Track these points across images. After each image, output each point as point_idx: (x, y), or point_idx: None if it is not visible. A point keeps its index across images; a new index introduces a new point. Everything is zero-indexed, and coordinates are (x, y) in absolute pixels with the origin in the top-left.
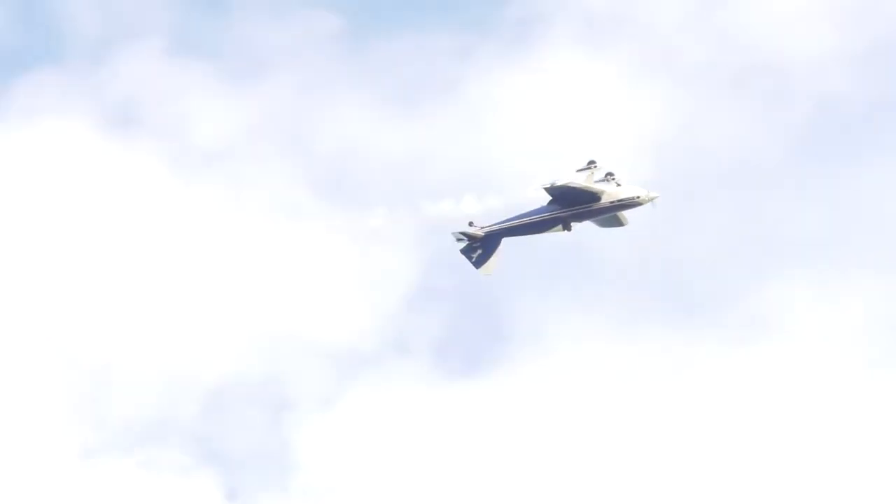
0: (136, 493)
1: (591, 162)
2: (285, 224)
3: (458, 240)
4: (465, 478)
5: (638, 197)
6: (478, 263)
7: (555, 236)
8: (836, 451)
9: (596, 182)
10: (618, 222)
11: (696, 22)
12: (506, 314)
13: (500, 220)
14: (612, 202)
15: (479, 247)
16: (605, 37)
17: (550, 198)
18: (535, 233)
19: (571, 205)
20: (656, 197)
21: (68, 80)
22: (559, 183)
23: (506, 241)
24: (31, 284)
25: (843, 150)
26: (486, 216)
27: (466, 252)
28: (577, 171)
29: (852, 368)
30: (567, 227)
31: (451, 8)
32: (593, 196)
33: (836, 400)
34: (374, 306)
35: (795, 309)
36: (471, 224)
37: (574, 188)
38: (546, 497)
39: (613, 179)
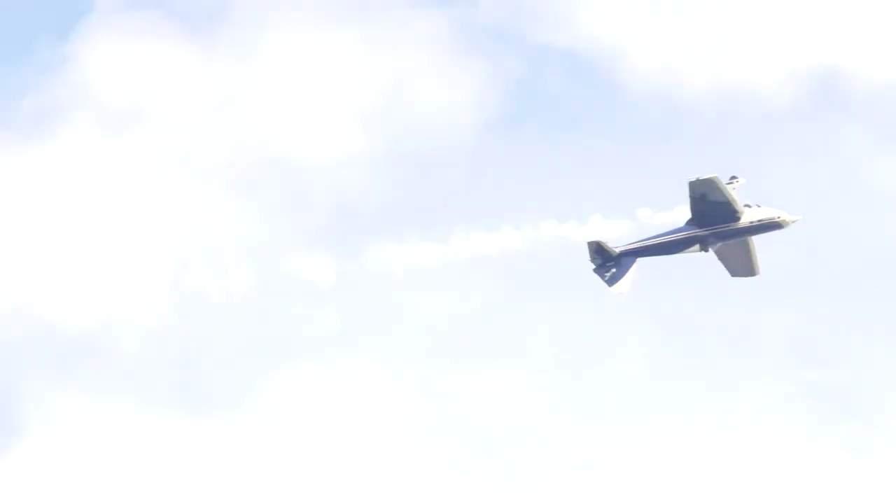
0: None
1: (734, 177)
2: None
3: (592, 259)
4: None
5: (779, 217)
6: (611, 282)
7: (691, 256)
8: None
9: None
10: (750, 270)
11: (214, 119)
12: (16, 404)
13: (635, 240)
14: (752, 222)
15: (613, 266)
16: (122, 132)
17: (689, 217)
18: (671, 252)
19: (711, 222)
20: (798, 219)
21: None
22: (705, 177)
23: (642, 262)
24: None
25: (355, 250)
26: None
27: (600, 271)
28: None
29: (355, 452)
30: (705, 248)
31: None
32: (734, 212)
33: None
34: None
35: (303, 398)
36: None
37: (718, 190)
38: None
39: (752, 206)
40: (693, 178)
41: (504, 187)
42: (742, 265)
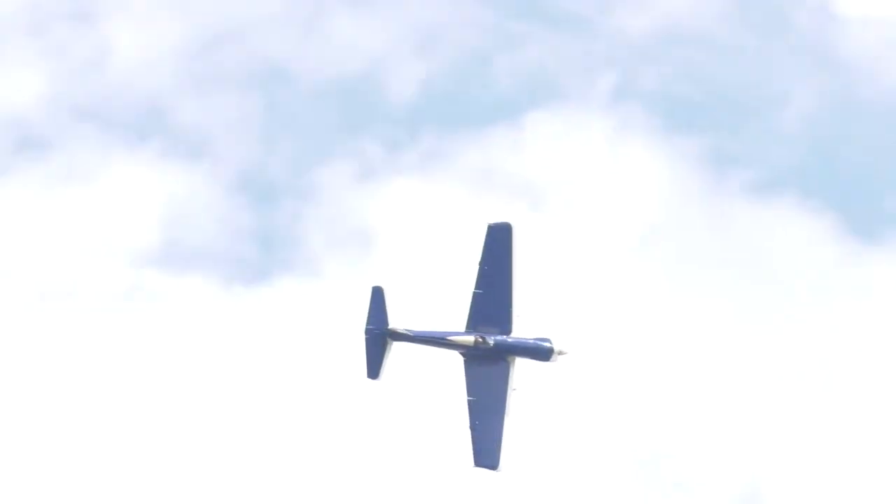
0: None
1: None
2: None
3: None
4: None
5: (550, 345)
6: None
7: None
8: None
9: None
10: (493, 460)
11: None
12: None
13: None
14: (525, 337)
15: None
16: None
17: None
18: (446, 345)
19: (486, 324)
20: (568, 354)
21: None
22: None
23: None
24: None
25: None
26: None
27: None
28: None
29: None
30: (482, 340)
31: None
32: (509, 319)
33: None
34: None
35: None
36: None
37: (510, 245)
38: None
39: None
40: (493, 222)
41: None
42: (487, 451)
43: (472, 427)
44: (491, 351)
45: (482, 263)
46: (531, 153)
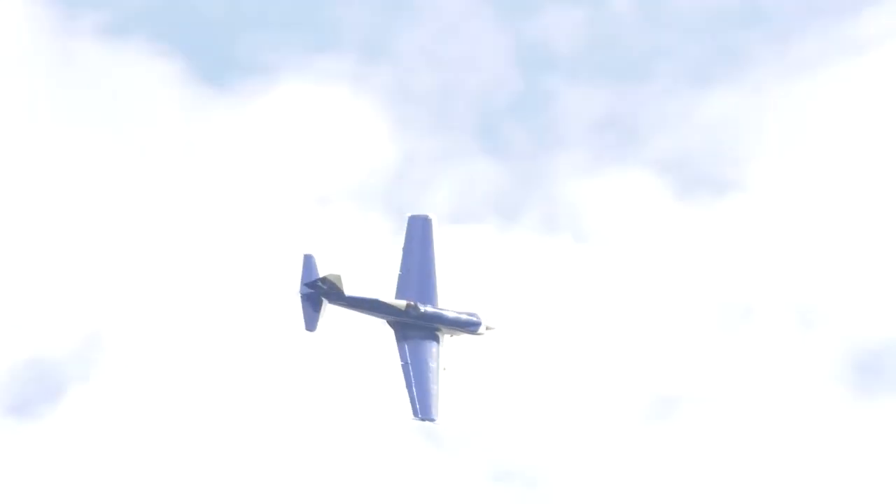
0: None
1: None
2: None
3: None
4: None
5: (478, 318)
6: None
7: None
8: None
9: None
10: (427, 411)
11: None
12: None
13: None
14: (455, 311)
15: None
16: None
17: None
18: (379, 308)
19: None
20: (495, 329)
21: None
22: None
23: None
24: None
25: None
26: None
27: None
28: None
29: None
30: (413, 304)
31: None
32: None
33: None
34: None
35: None
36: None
37: (430, 235)
38: None
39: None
40: (413, 214)
41: None
42: (424, 405)
43: (408, 386)
44: (421, 318)
45: (405, 250)
46: None
